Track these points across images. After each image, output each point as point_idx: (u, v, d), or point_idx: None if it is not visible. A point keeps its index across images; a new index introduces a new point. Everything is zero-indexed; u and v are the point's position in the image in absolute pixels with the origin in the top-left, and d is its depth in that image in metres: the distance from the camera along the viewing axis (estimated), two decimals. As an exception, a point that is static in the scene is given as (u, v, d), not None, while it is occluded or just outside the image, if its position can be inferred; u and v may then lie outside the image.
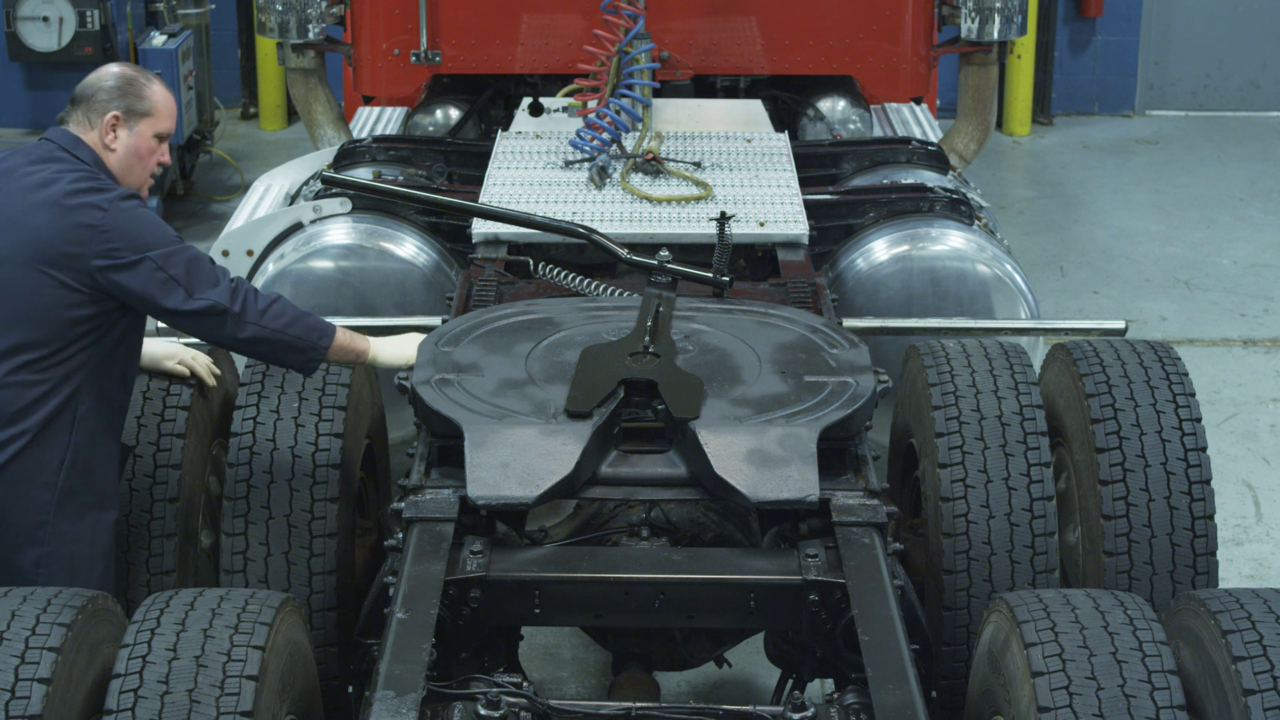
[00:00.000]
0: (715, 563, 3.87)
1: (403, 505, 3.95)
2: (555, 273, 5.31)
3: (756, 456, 3.93)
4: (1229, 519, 6.62)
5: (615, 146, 6.38)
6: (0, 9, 10.40)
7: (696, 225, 5.73)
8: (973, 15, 7.41)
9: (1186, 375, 4.51)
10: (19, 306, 4.01)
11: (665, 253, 4.92)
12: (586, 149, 6.35)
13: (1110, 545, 4.30)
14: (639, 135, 6.53)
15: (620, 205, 5.93)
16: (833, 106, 7.63)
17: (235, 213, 6.70)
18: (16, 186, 4.07)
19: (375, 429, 5.00)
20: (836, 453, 4.12)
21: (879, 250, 5.97)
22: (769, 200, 5.98)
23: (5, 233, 4.03)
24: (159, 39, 10.41)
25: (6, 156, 4.17)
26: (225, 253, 6.11)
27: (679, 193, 6.01)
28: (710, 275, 4.96)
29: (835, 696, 3.46)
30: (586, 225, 5.34)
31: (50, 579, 4.04)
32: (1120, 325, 5.50)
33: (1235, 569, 6.29)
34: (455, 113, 7.71)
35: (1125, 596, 3.41)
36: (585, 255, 5.70)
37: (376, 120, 8.14)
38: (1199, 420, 4.41)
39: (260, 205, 6.64)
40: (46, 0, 10.30)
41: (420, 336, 4.53)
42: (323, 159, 7.05)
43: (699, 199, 5.96)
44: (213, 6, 11.49)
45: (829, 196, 6.27)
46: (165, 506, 4.38)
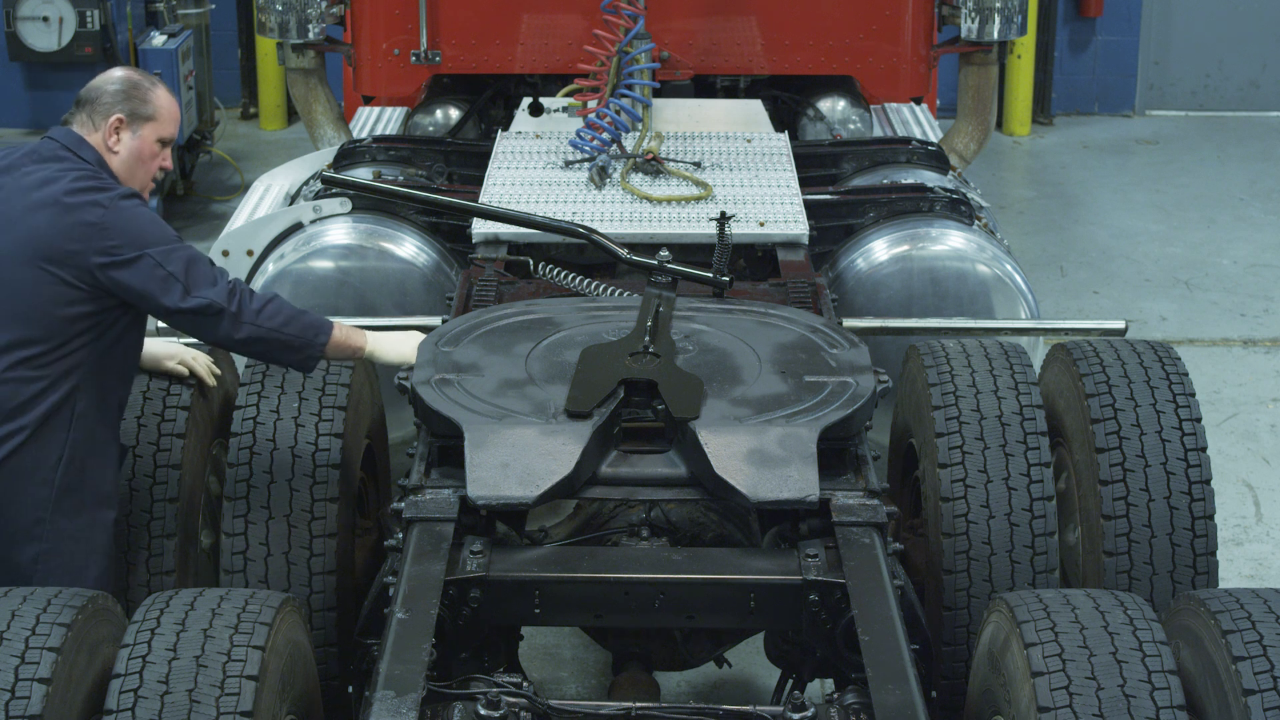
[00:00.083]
0: (715, 563, 3.87)
1: (403, 505, 3.95)
2: (555, 273, 5.31)
3: (756, 456, 3.92)
4: (1229, 519, 6.62)
5: (615, 146, 6.38)
6: (0, 9, 10.40)
7: (696, 225, 5.72)
8: (973, 15, 7.41)
9: (1186, 375, 4.51)
10: (18, 303, 4.00)
11: (665, 253, 4.92)
12: (586, 149, 6.34)
13: (1110, 545, 4.30)
14: (639, 135, 6.53)
15: (620, 205, 5.92)
16: (833, 106, 7.63)
17: (235, 213, 6.70)
18: (18, 184, 4.07)
19: (375, 429, 5.00)
20: (836, 453, 4.11)
21: (879, 250, 5.96)
22: (769, 200, 5.98)
23: (5, 230, 4.02)
24: (159, 39, 10.41)
25: (8, 154, 4.17)
26: (225, 253, 6.11)
27: (679, 193, 6.01)
28: (710, 275, 4.96)
29: (835, 696, 3.46)
30: (586, 225, 5.34)
31: (47, 576, 4.04)
32: (1120, 325, 5.50)
33: (1235, 569, 6.28)
34: (455, 113, 7.71)
35: (1125, 596, 3.41)
36: (585, 255, 5.70)
37: (376, 120, 8.14)
38: (1199, 420, 4.41)
39: (260, 205, 6.63)
40: (46, 0, 10.30)
41: (420, 335, 4.53)
42: (323, 159, 7.05)
43: (699, 199, 5.95)
44: (213, 6, 11.49)
45: (829, 196, 6.27)
46: (165, 506, 4.37)
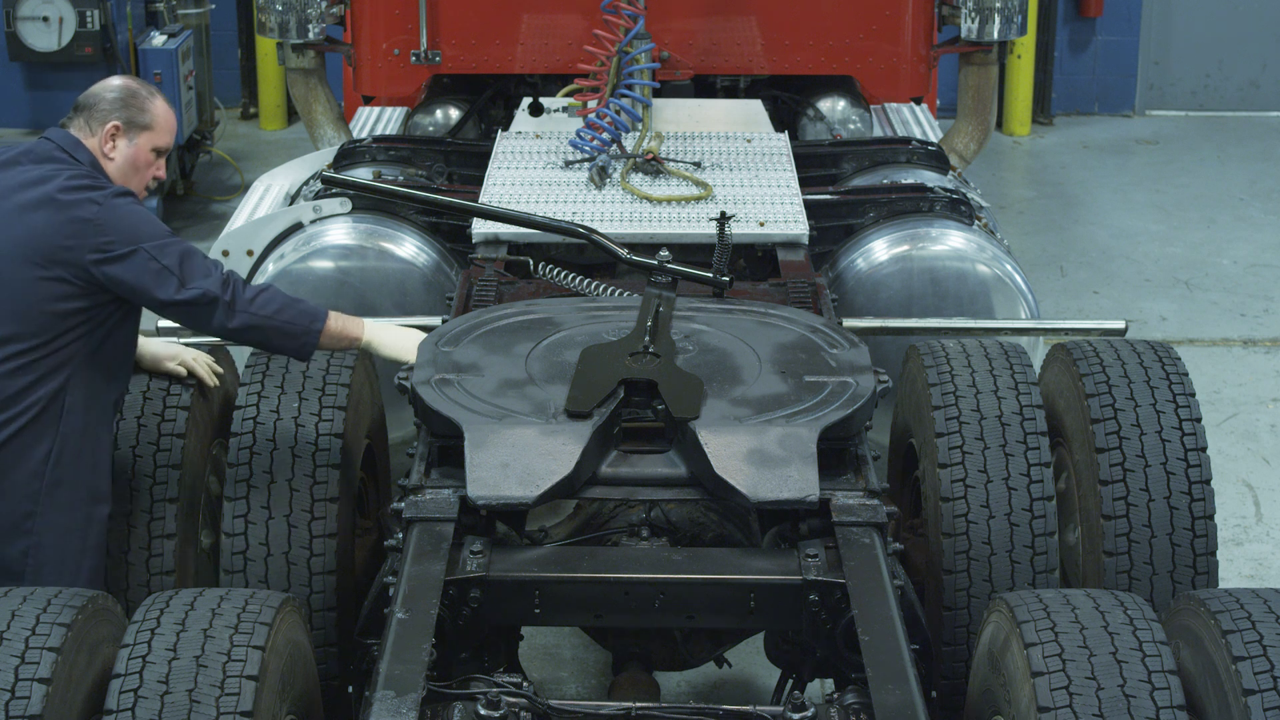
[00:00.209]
0: (715, 563, 3.87)
1: (403, 505, 3.94)
2: (555, 273, 5.31)
3: (756, 456, 3.92)
4: (1229, 519, 6.62)
5: (615, 146, 6.38)
6: (0, 9, 10.40)
7: (696, 225, 5.72)
8: (973, 15, 7.41)
9: (1186, 375, 4.51)
10: (11, 300, 4.03)
11: (665, 253, 4.91)
12: (586, 149, 6.34)
13: (1110, 545, 4.30)
14: (639, 135, 6.53)
15: (620, 205, 5.92)
16: (833, 106, 7.63)
17: (235, 213, 6.70)
18: (11, 182, 4.10)
19: (375, 429, 5.00)
20: (836, 453, 4.11)
21: (879, 250, 5.96)
22: (769, 200, 5.98)
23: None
24: (159, 39, 10.41)
25: (3, 153, 4.19)
26: (225, 253, 6.11)
27: (679, 193, 6.01)
28: (710, 275, 4.96)
29: (835, 696, 3.46)
30: (586, 225, 5.34)
31: (38, 570, 4.05)
32: (1120, 325, 5.50)
33: (1235, 569, 6.29)
34: (455, 113, 7.71)
35: (1125, 596, 3.41)
36: (585, 255, 5.70)
37: (376, 120, 8.14)
38: (1199, 420, 4.41)
39: (260, 205, 6.63)
40: (46, 0, 10.30)
41: (420, 331, 4.53)
42: (323, 159, 7.05)
43: (699, 199, 5.95)
44: (213, 6, 11.49)
45: (829, 196, 6.26)
46: (165, 506, 4.38)
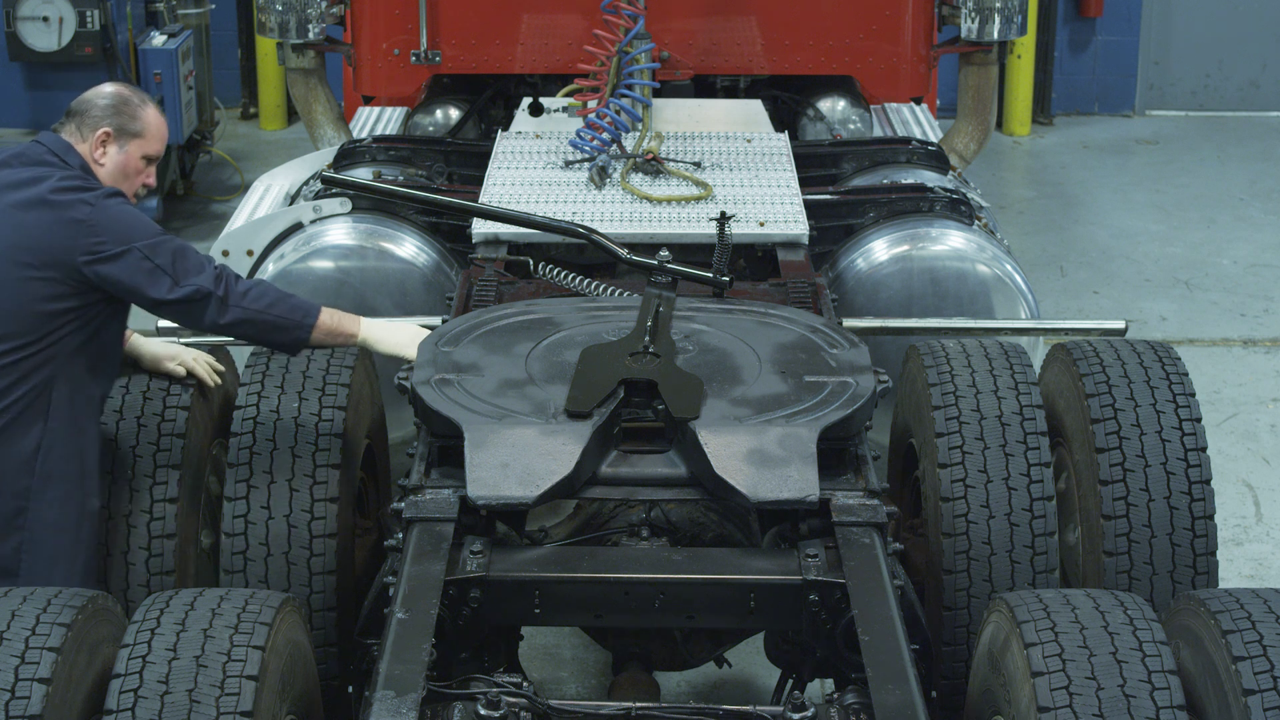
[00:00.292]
0: (715, 563, 3.87)
1: (403, 505, 3.94)
2: (555, 273, 5.31)
3: (756, 456, 3.92)
4: (1229, 519, 6.62)
5: (615, 146, 6.38)
6: (0, 9, 10.40)
7: (696, 225, 5.72)
8: (973, 15, 7.41)
9: (1186, 375, 4.51)
10: (1, 300, 4.04)
11: (665, 253, 4.92)
12: (586, 149, 6.34)
13: (1110, 545, 4.30)
14: (639, 135, 6.53)
15: (620, 205, 5.92)
16: (833, 106, 7.63)
17: (235, 213, 6.70)
18: (2, 184, 4.12)
19: (375, 429, 5.00)
20: (836, 453, 4.11)
21: (879, 250, 5.96)
22: (769, 200, 5.98)
23: None
24: (159, 39, 10.40)
25: None
26: (225, 253, 6.11)
27: (679, 193, 6.01)
28: (710, 275, 4.96)
29: (835, 696, 3.46)
30: (586, 225, 5.34)
31: (31, 567, 4.07)
32: (1120, 325, 5.50)
33: (1235, 569, 6.29)
34: (455, 113, 7.71)
35: (1125, 596, 3.41)
36: (585, 255, 5.70)
37: (376, 120, 8.14)
38: (1199, 420, 4.41)
39: (260, 205, 6.63)
40: (46, 0, 10.29)
41: (417, 327, 4.53)
42: (323, 159, 7.05)
43: (699, 199, 5.95)
44: (213, 6, 11.49)
45: (829, 196, 6.26)
46: (165, 506, 4.38)
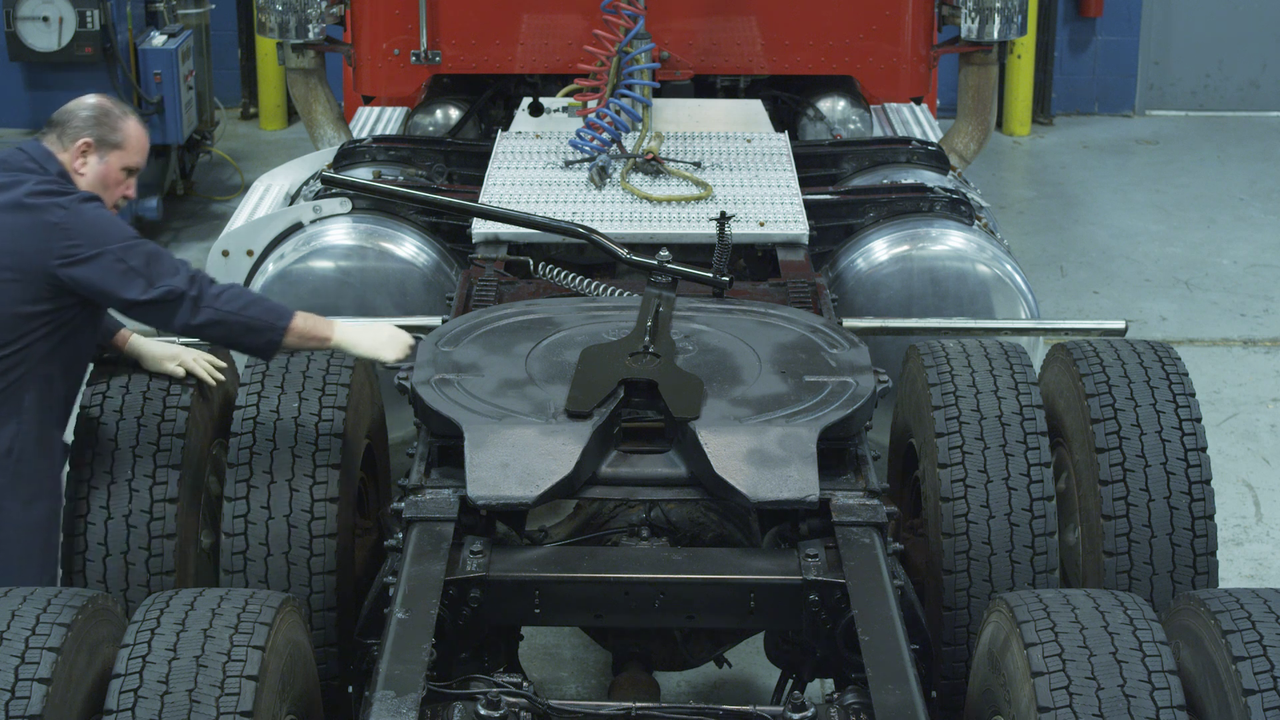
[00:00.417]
0: (715, 563, 3.87)
1: (403, 505, 3.95)
2: (555, 273, 5.31)
3: (756, 456, 3.92)
4: (1229, 519, 6.62)
5: (615, 146, 6.38)
6: (0, 9, 10.40)
7: (696, 225, 5.72)
8: (973, 15, 7.41)
9: (1186, 375, 4.51)
10: None
11: (665, 253, 4.92)
12: (586, 149, 6.34)
13: (1110, 545, 4.30)
14: (639, 135, 6.53)
15: (620, 205, 5.92)
16: (833, 106, 7.63)
17: (235, 213, 6.70)
18: None
19: (375, 429, 5.00)
20: (836, 453, 4.12)
21: (879, 250, 5.96)
22: (769, 200, 5.98)
23: None
24: (159, 39, 10.40)
25: None
26: (225, 253, 6.11)
27: (679, 193, 6.01)
28: (710, 275, 4.96)
29: (835, 696, 3.46)
30: (586, 225, 5.34)
31: (6, 566, 4.09)
32: (1120, 325, 5.50)
33: (1235, 569, 6.28)
34: (455, 113, 7.71)
35: (1125, 596, 3.41)
36: (585, 255, 5.70)
37: (376, 120, 8.14)
38: (1199, 420, 4.41)
39: (260, 205, 6.63)
40: (46, 0, 10.29)
41: (393, 328, 4.50)
42: (323, 159, 7.05)
43: (699, 199, 5.95)
44: (213, 6, 11.48)
45: (829, 196, 6.27)
46: (165, 506, 4.38)
